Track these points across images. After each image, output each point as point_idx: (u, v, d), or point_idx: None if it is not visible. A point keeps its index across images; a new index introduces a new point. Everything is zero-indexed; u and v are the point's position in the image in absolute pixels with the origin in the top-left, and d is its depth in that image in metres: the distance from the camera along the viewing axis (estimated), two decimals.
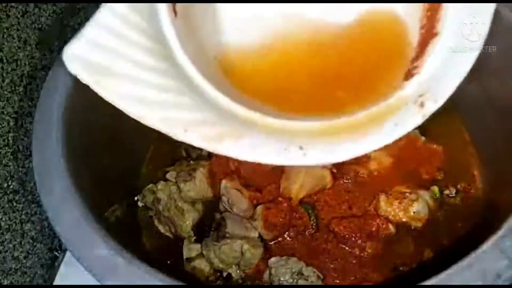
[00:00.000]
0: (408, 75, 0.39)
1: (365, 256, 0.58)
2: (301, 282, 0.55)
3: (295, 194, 0.61)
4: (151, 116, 0.37)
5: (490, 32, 0.57)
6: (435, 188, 0.62)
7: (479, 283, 0.38)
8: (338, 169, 0.63)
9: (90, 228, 0.44)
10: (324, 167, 0.61)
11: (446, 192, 0.62)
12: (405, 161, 0.65)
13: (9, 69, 0.59)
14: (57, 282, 0.70)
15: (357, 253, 0.58)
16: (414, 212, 0.60)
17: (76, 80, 0.48)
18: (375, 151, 0.64)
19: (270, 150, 0.36)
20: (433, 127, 0.68)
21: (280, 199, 0.61)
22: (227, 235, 0.57)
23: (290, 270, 0.56)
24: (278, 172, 0.64)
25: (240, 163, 0.65)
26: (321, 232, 0.60)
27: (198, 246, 0.60)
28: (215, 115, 0.37)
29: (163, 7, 0.37)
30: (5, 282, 0.62)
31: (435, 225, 0.60)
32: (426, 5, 0.40)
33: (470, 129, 0.68)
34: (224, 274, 0.58)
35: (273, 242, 0.60)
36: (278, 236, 0.59)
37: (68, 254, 0.71)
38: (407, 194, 0.61)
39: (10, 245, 0.62)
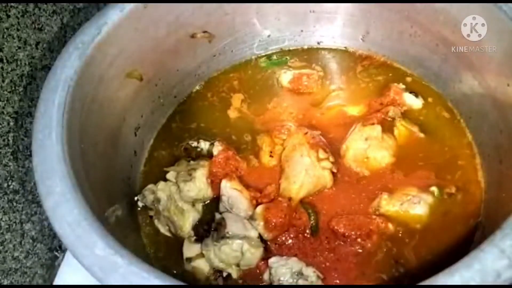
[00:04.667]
0: None
1: (365, 255, 0.58)
2: (301, 282, 0.55)
3: (295, 194, 0.61)
4: None
5: (490, 32, 0.58)
6: (435, 188, 0.61)
7: (479, 283, 0.38)
8: (338, 169, 0.64)
9: (90, 228, 0.44)
10: (324, 167, 0.61)
11: (447, 191, 0.62)
12: (406, 160, 0.65)
13: (9, 69, 0.59)
14: (57, 282, 0.70)
15: (357, 252, 0.58)
16: (415, 213, 0.60)
17: (76, 80, 0.48)
18: (374, 149, 0.65)
19: None
20: (434, 127, 0.68)
21: (280, 199, 0.61)
22: (227, 235, 0.57)
23: (290, 270, 0.55)
24: (278, 172, 0.64)
25: (239, 163, 0.65)
26: (321, 231, 0.60)
27: (198, 246, 0.60)
28: None
29: None
30: (5, 282, 0.62)
31: (435, 225, 0.60)
32: None
33: (471, 128, 0.68)
34: (224, 274, 0.58)
35: (273, 242, 0.60)
36: (278, 236, 0.59)
37: (68, 254, 0.71)
38: (409, 195, 0.61)
39: (10, 245, 0.62)
